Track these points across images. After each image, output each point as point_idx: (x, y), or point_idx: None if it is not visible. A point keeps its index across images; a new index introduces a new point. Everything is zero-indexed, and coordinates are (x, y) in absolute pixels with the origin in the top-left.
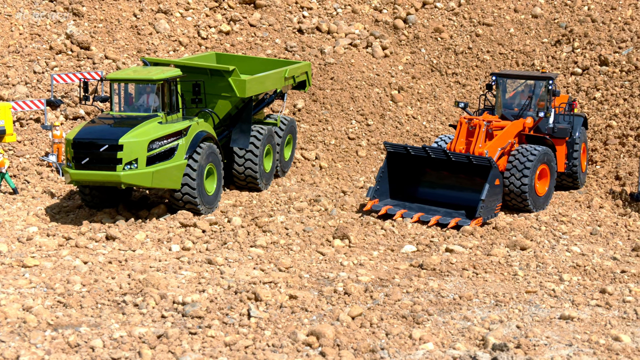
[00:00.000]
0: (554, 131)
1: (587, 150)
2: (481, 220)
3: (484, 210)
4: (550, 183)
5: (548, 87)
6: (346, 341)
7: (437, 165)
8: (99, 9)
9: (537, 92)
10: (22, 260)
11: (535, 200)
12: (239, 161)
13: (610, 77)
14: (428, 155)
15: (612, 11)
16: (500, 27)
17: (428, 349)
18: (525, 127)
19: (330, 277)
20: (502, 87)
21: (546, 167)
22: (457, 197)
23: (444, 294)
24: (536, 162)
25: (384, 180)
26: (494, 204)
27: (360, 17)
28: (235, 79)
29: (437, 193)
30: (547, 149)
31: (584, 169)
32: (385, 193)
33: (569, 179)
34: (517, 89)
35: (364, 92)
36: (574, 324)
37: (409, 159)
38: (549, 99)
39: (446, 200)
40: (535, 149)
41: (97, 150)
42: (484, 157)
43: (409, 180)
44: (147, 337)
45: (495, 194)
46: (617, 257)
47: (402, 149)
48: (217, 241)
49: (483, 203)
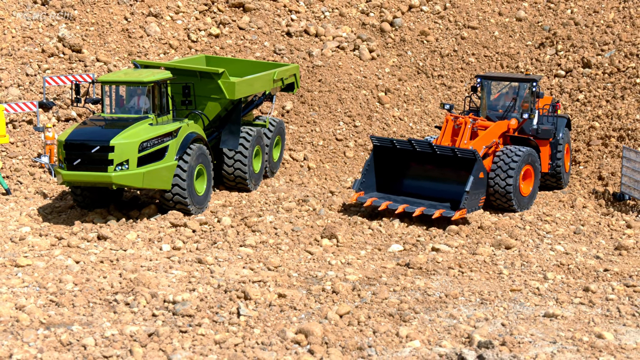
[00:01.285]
0: (538, 132)
1: (571, 151)
2: (465, 211)
3: (468, 202)
4: (534, 183)
5: (532, 89)
6: (334, 339)
7: (422, 158)
8: (91, 13)
9: (521, 94)
10: (15, 259)
11: (520, 200)
12: (229, 162)
13: (593, 79)
14: (414, 149)
15: (595, 14)
16: (485, 30)
17: (415, 347)
18: (509, 129)
19: (318, 276)
20: (487, 89)
21: (530, 168)
22: (442, 190)
23: (430, 292)
24: (520, 162)
25: (369, 174)
26: (478, 196)
27: (347, 20)
28: (225, 81)
29: (422, 186)
30: (531, 150)
31: (568, 169)
32: (372, 186)
33: (553, 179)
34: (502, 91)
35: (352, 94)
36: (558, 322)
37: (395, 152)
38: (533, 101)
39: (431, 194)
40: (520, 150)
41: (88, 151)
42: (469, 149)
43: (395, 173)
44: (138, 335)
45: (479, 187)
46: (600, 256)
47: (388, 143)
48: (207, 241)
49: (467, 194)
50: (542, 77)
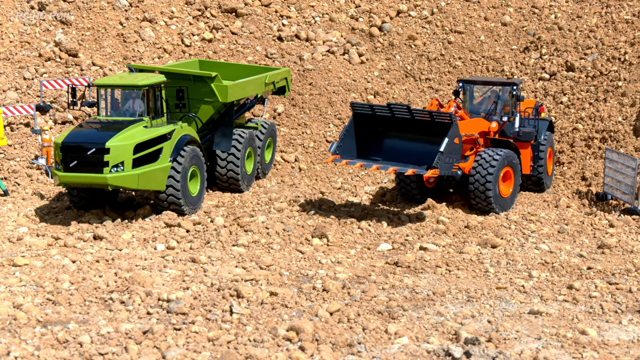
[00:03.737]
0: (519, 135)
1: (554, 154)
2: (437, 171)
3: (442, 163)
4: (514, 185)
5: (513, 93)
6: (324, 336)
7: (401, 124)
8: (87, 18)
9: (502, 97)
10: (12, 259)
11: (500, 201)
12: (222, 163)
13: (576, 82)
14: (393, 115)
15: (578, 19)
16: (472, 34)
17: (403, 343)
18: (490, 131)
19: (309, 274)
20: (469, 93)
21: (510, 170)
22: (420, 153)
23: (418, 290)
24: (500, 164)
25: (347, 138)
26: (452, 160)
27: (337, 25)
28: (218, 85)
29: (401, 151)
30: (510, 152)
31: (550, 172)
32: (352, 151)
33: (534, 182)
34: (485, 95)
35: (341, 97)
36: (542, 319)
37: (375, 119)
38: (514, 104)
39: (410, 159)
40: (499, 152)
41: (84, 153)
42: (446, 112)
43: (375, 139)
44: (133, 333)
45: (453, 152)
46: (583, 255)
47: (368, 109)
48: (201, 240)
49: (441, 154)
50: (523, 80)
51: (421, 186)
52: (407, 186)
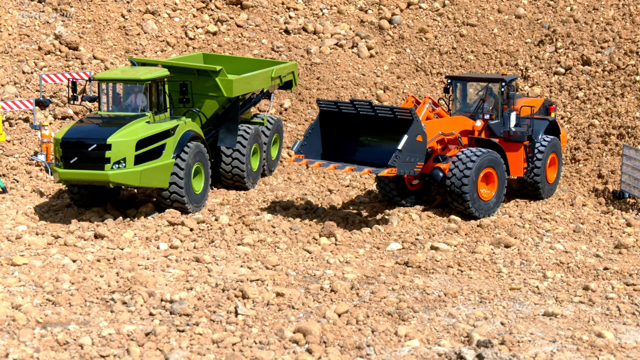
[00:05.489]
0: (510, 134)
1: (559, 162)
2: (395, 170)
3: (399, 162)
4: (498, 188)
5: (501, 90)
6: (332, 338)
7: (366, 121)
8: (87, 10)
9: (492, 94)
10: (11, 258)
11: (479, 204)
12: (226, 160)
13: (592, 76)
14: (357, 111)
15: (594, 12)
16: (484, 27)
17: (413, 346)
18: (474, 130)
19: (316, 274)
20: (462, 90)
21: (492, 171)
22: (384, 152)
23: (429, 291)
24: (478, 164)
25: (313, 137)
26: (414, 159)
27: (345, 17)
28: (222, 79)
29: (365, 150)
30: (492, 152)
31: (552, 180)
32: (316, 151)
33: (530, 188)
34: (478, 92)
35: (350, 92)
36: (557, 321)
37: (341, 117)
38: (502, 102)
39: (374, 159)
40: (479, 152)
41: (85, 149)
42: (406, 108)
43: (340, 138)
44: (136, 334)
45: (416, 150)
46: (599, 255)
47: (334, 106)
48: (205, 239)
49: (399, 152)
50: (517, 77)
51: (401, 188)
52: (386, 187)
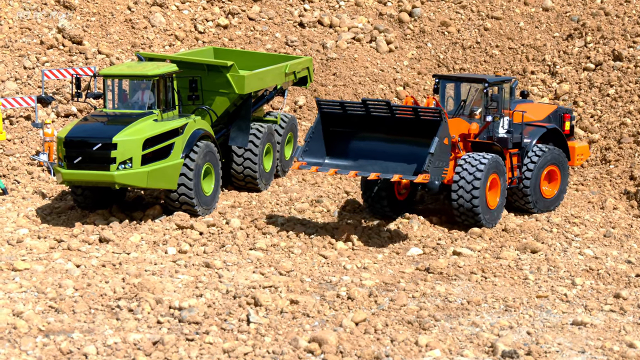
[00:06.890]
0: (493, 140)
1: (564, 176)
2: (428, 176)
3: (432, 167)
4: (501, 194)
5: (484, 91)
6: (349, 348)
7: (378, 124)
8: (92, 2)
9: (477, 95)
10: (12, 263)
11: (487, 213)
12: (238, 160)
13: (624, 72)
14: (368, 112)
15: (627, 4)
16: (510, 20)
17: (435, 356)
18: (470, 133)
19: (332, 281)
20: (454, 90)
21: (497, 177)
22: (403, 158)
23: (452, 298)
24: (487, 171)
25: (315, 141)
26: (442, 164)
27: (363, 10)
28: (234, 75)
29: (377, 155)
30: (496, 157)
31: (550, 195)
32: (320, 156)
33: (520, 199)
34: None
35: (368, 89)
36: (586, 330)
37: (346, 118)
38: (488, 104)
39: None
40: (485, 157)
41: (89, 149)
42: (434, 108)
43: (345, 142)
44: (143, 343)
45: (443, 154)
46: (631, 261)
47: (338, 107)
48: (215, 244)
49: (432, 157)
50: (510, 79)
51: (392, 198)
52: (376, 196)
